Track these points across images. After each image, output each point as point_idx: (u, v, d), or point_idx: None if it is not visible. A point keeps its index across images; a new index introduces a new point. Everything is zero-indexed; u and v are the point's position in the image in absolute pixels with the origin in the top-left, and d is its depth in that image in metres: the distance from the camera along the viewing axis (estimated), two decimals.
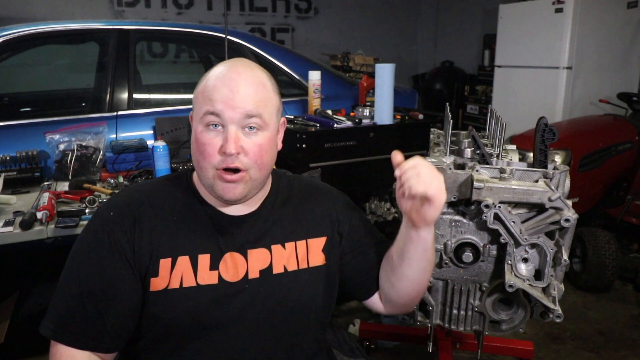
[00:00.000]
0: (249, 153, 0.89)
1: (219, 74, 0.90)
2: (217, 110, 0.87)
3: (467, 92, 5.62)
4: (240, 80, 0.88)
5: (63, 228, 1.54)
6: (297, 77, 2.70)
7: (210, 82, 0.89)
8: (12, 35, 2.25)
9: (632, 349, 2.26)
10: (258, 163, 0.90)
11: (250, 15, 5.72)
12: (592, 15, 3.68)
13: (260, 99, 0.89)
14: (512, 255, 1.27)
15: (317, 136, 2.21)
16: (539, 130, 1.24)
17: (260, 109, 0.89)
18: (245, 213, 0.98)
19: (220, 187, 0.90)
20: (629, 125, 3.22)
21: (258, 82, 0.91)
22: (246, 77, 0.89)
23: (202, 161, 0.90)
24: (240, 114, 0.87)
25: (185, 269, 0.92)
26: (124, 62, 2.40)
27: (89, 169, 2.05)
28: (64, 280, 0.90)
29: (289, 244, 1.00)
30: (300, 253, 1.01)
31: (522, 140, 2.94)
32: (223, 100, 0.87)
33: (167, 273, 0.91)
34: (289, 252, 1.00)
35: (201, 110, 0.89)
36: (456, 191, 1.29)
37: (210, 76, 0.91)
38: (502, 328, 1.44)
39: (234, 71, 0.90)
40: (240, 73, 0.90)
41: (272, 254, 0.98)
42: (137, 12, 5.15)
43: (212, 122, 0.88)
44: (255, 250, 0.97)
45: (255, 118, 0.88)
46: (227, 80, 0.88)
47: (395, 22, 6.48)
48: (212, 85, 0.89)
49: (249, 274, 0.96)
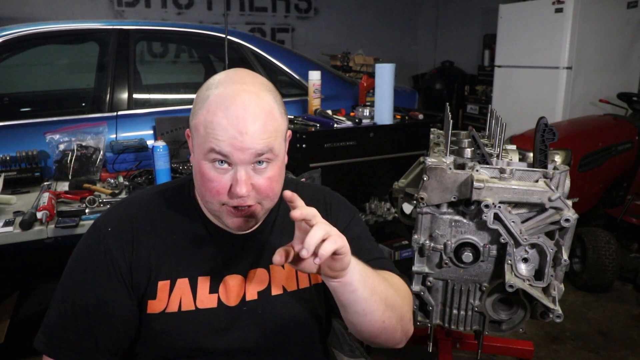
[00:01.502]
0: (260, 189, 0.84)
1: (222, 105, 0.80)
2: (224, 152, 0.79)
3: (467, 92, 5.62)
4: (247, 116, 0.79)
5: (63, 228, 1.54)
6: (297, 77, 2.70)
7: (214, 117, 0.80)
8: (12, 35, 2.25)
9: (632, 349, 2.26)
10: (270, 195, 0.86)
11: (250, 15, 5.72)
12: (592, 15, 3.68)
13: (270, 134, 0.82)
14: (512, 255, 1.27)
15: (317, 136, 2.21)
16: (539, 130, 1.25)
17: (270, 144, 0.82)
18: (248, 232, 0.93)
19: (229, 221, 0.86)
20: (629, 125, 3.22)
21: (266, 113, 0.82)
22: (253, 110, 0.80)
23: (207, 196, 0.84)
24: (250, 155, 0.80)
25: (185, 292, 0.89)
26: (124, 62, 2.40)
27: (89, 169, 2.05)
28: (58, 294, 0.88)
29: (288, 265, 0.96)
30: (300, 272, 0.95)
31: (522, 140, 2.94)
32: (230, 143, 0.79)
33: (165, 295, 0.88)
34: (288, 271, 0.95)
35: (205, 146, 0.81)
36: (456, 191, 1.29)
37: (212, 105, 0.81)
38: (502, 328, 1.44)
39: (240, 106, 0.79)
40: (247, 107, 0.80)
41: (271, 275, 0.94)
42: (137, 12, 5.15)
43: (218, 160, 0.81)
44: (254, 270, 0.94)
45: (265, 154, 0.82)
46: (233, 118, 0.79)
47: (395, 22, 6.48)
48: (216, 122, 0.79)
49: (246, 296, 0.92)
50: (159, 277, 0.89)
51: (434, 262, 1.39)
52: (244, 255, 0.94)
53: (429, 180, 1.31)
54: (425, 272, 1.41)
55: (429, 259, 1.40)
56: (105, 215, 0.94)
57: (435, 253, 1.38)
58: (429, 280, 1.42)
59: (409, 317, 0.94)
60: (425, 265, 1.41)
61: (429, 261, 1.40)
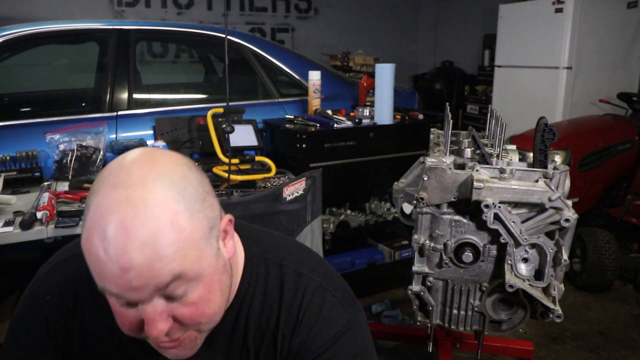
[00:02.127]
0: (184, 319, 0.63)
1: (99, 228, 0.57)
2: (114, 292, 0.59)
3: (467, 92, 5.62)
4: (129, 244, 0.55)
5: (63, 228, 1.54)
6: (297, 77, 2.70)
7: (91, 246, 0.57)
8: (12, 35, 2.24)
9: (632, 349, 2.26)
10: (203, 321, 0.65)
11: (250, 15, 5.72)
12: (592, 15, 3.68)
13: (171, 256, 0.57)
14: (512, 255, 1.27)
15: (317, 136, 2.21)
16: (539, 130, 1.25)
17: (176, 269, 0.58)
18: None
19: (162, 352, 0.67)
20: (629, 125, 3.22)
21: (160, 228, 0.57)
22: (138, 231, 0.56)
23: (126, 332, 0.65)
24: (148, 292, 0.58)
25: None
26: (124, 62, 2.40)
27: (89, 169, 2.05)
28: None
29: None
30: None
31: (522, 140, 2.94)
32: (116, 283, 0.57)
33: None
34: None
35: (97, 282, 0.60)
36: (456, 191, 1.29)
37: (88, 225, 0.58)
38: (502, 328, 1.44)
39: (118, 228, 0.56)
40: (128, 229, 0.55)
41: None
42: (137, 12, 5.15)
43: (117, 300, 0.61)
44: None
45: (175, 282, 0.59)
46: (112, 250, 0.56)
47: (395, 22, 6.48)
48: (93, 254, 0.57)
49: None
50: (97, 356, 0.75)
51: (434, 262, 1.39)
52: None
53: (429, 180, 1.31)
54: (425, 272, 1.41)
55: (429, 259, 1.40)
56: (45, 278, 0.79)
57: (435, 253, 1.38)
58: (429, 280, 1.42)
59: None
60: (425, 265, 1.41)
61: (429, 261, 1.40)
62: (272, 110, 2.59)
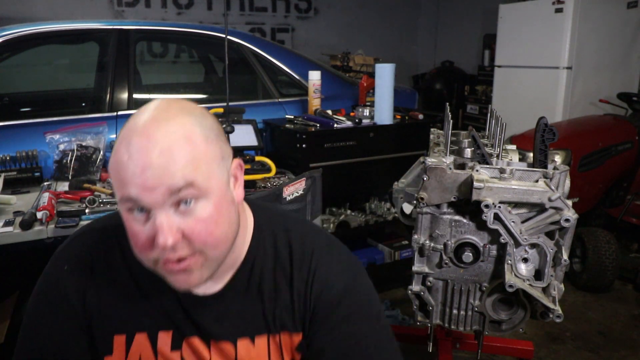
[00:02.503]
0: (191, 235, 0.67)
1: (126, 142, 0.65)
2: (133, 196, 0.65)
3: (467, 92, 5.62)
4: (151, 146, 0.64)
5: (63, 228, 1.54)
6: (297, 77, 2.70)
7: (118, 157, 0.66)
8: (12, 35, 2.24)
9: (632, 349, 2.26)
10: (209, 242, 0.69)
11: (250, 15, 5.72)
12: (592, 15, 3.68)
13: (185, 163, 0.65)
14: (512, 255, 1.27)
15: (317, 136, 2.21)
16: (539, 130, 1.25)
17: (189, 176, 0.65)
18: (209, 293, 0.80)
19: (171, 279, 0.71)
20: (629, 125, 3.22)
21: (178, 138, 0.66)
22: (159, 138, 0.64)
23: (138, 254, 0.71)
24: (162, 194, 0.64)
25: (144, 350, 0.79)
26: (124, 62, 2.40)
27: (89, 169, 2.05)
28: (18, 343, 0.82)
29: (260, 339, 0.80)
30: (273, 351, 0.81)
31: (522, 140, 2.94)
32: (135, 183, 0.64)
33: (122, 352, 0.79)
34: (258, 350, 0.80)
35: (118, 193, 0.68)
36: (456, 191, 1.29)
37: (117, 146, 0.67)
38: (502, 328, 1.44)
39: (142, 135, 0.65)
40: (150, 135, 0.64)
41: (238, 351, 0.80)
42: (137, 12, 5.15)
43: (134, 208, 0.67)
44: (218, 343, 0.80)
45: (185, 190, 0.65)
46: (135, 153, 0.64)
47: (395, 22, 6.48)
48: (118, 161, 0.65)
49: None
50: (115, 330, 0.79)
51: (434, 262, 1.39)
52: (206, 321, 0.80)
53: (429, 180, 1.31)
54: (425, 272, 1.41)
55: (429, 259, 1.40)
56: (62, 251, 0.84)
57: (435, 253, 1.38)
58: (429, 280, 1.42)
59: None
60: (425, 265, 1.41)
61: (429, 261, 1.40)
62: (272, 110, 2.59)
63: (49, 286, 0.82)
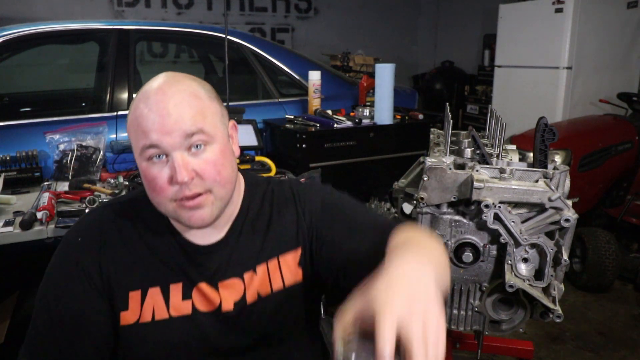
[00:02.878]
0: (204, 174, 0.80)
1: (144, 98, 0.80)
2: (154, 141, 0.78)
3: (467, 92, 5.62)
4: (167, 99, 0.79)
5: (63, 228, 1.54)
6: (297, 77, 2.70)
7: (138, 112, 0.80)
8: (12, 35, 2.25)
9: (632, 349, 2.26)
10: (218, 180, 0.82)
11: (250, 15, 5.72)
12: (592, 15, 3.68)
13: (195, 113, 0.80)
14: (512, 255, 1.27)
15: (317, 136, 2.21)
16: (539, 130, 1.25)
17: (199, 123, 0.79)
18: (214, 241, 0.91)
19: (186, 216, 0.82)
20: (629, 125, 3.22)
21: (188, 94, 0.81)
22: (173, 94, 0.80)
23: (156, 197, 0.81)
24: (179, 137, 0.78)
25: (157, 301, 0.87)
26: (124, 62, 2.40)
27: (89, 169, 2.05)
28: (36, 308, 0.87)
29: (261, 267, 0.92)
30: (272, 274, 0.93)
31: (522, 140, 2.94)
32: (156, 129, 0.77)
33: (137, 306, 0.87)
34: (260, 276, 0.92)
35: (139, 145, 0.80)
36: (456, 191, 1.29)
37: (136, 103, 0.81)
38: (502, 328, 1.44)
39: (158, 92, 0.80)
40: (165, 91, 0.80)
41: (245, 282, 0.91)
42: (137, 12, 5.15)
43: (154, 155, 0.79)
44: (226, 281, 0.90)
45: (197, 135, 0.79)
46: (154, 105, 0.78)
47: (395, 22, 6.48)
48: (139, 114, 0.79)
49: (222, 306, 0.90)
50: (129, 287, 0.87)
51: None
52: (213, 266, 0.90)
53: (429, 180, 1.31)
54: None
55: None
56: (75, 226, 0.93)
57: None
58: None
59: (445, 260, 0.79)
60: None
61: None
62: (272, 110, 2.59)
63: (65, 258, 0.88)
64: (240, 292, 0.91)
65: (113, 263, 0.87)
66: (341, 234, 0.93)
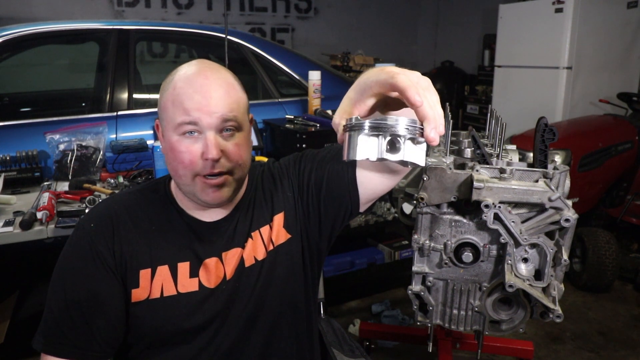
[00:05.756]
0: (230, 155, 0.89)
1: (187, 79, 0.88)
2: (194, 118, 0.86)
3: (467, 92, 5.62)
4: (210, 84, 0.87)
5: (63, 228, 1.54)
6: (297, 77, 2.70)
7: (180, 90, 0.87)
8: (12, 35, 2.25)
9: (632, 349, 2.26)
10: (240, 163, 0.91)
11: (250, 15, 5.72)
12: (592, 15, 3.68)
13: (233, 101, 0.89)
14: (512, 255, 1.27)
15: (317, 136, 2.21)
16: (539, 130, 1.24)
17: (234, 111, 0.89)
18: (220, 218, 0.99)
19: (206, 193, 0.89)
20: (629, 125, 3.22)
21: (228, 84, 0.90)
22: (215, 80, 0.88)
23: (181, 169, 0.88)
24: (217, 119, 0.87)
25: (166, 278, 0.93)
26: (124, 62, 2.40)
27: (89, 169, 2.05)
28: (50, 293, 0.91)
29: (255, 233, 1.01)
30: (265, 237, 1.01)
31: (522, 140, 2.94)
32: (198, 108, 0.85)
33: (147, 283, 0.92)
34: (255, 241, 1.00)
35: (175, 119, 0.87)
36: (456, 191, 1.29)
37: (177, 83, 0.88)
38: (502, 328, 1.44)
39: (202, 75, 0.88)
40: (209, 77, 0.88)
41: (244, 249, 0.99)
42: (137, 12, 5.15)
43: (189, 130, 0.87)
44: (230, 251, 0.98)
45: (230, 121, 0.88)
46: (198, 87, 0.86)
47: (395, 22, 6.48)
48: (182, 93, 0.86)
49: (226, 276, 0.97)
50: (140, 266, 0.93)
51: (434, 262, 1.39)
52: (219, 240, 0.98)
53: (429, 180, 1.30)
54: (425, 272, 1.41)
55: (429, 259, 1.39)
56: (88, 214, 0.99)
57: (435, 253, 1.37)
58: (429, 280, 1.41)
59: None
60: (425, 265, 1.40)
61: (429, 261, 1.40)
62: (272, 110, 2.59)
63: (79, 242, 0.93)
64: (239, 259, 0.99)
65: (125, 244, 0.93)
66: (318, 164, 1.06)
